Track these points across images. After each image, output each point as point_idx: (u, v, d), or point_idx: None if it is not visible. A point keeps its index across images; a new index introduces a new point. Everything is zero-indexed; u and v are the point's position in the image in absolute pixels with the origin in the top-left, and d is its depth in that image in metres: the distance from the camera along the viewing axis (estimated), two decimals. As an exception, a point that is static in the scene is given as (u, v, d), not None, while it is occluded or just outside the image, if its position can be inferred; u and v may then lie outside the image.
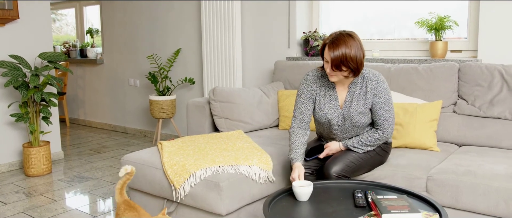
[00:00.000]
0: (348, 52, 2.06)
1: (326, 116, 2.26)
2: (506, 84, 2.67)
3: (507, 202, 2.03)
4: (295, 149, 2.25)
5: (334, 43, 2.08)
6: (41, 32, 4.03)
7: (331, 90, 2.26)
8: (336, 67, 2.10)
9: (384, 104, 2.20)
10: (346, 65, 2.09)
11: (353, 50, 2.07)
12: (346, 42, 2.08)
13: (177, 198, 2.32)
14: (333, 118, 2.26)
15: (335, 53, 2.07)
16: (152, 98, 4.47)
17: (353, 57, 2.07)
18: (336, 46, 2.07)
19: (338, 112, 2.25)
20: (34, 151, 3.71)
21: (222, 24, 4.02)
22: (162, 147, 2.61)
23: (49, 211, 2.98)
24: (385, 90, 2.20)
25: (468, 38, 3.16)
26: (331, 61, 2.09)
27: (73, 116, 6.18)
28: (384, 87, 2.20)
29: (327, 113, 2.26)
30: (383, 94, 2.20)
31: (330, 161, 2.25)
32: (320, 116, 2.29)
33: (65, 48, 6.25)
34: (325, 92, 2.27)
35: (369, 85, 2.20)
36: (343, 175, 2.20)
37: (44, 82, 3.66)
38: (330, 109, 2.26)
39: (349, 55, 2.06)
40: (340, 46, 2.07)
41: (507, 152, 2.54)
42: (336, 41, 2.09)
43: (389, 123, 2.23)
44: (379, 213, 1.66)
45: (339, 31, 2.15)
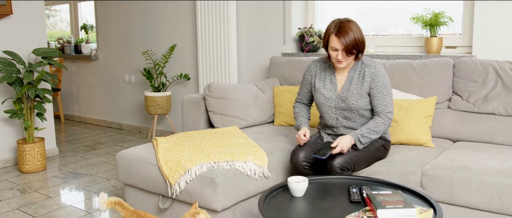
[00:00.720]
0: (356, 35, 2.22)
1: (325, 97, 2.37)
2: (500, 80, 2.68)
3: (501, 197, 2.04)
4: (299, 118, 2.50)
5: (341, 30, 2.21)
6: (35, 28, 4.00)
7: (331, 75, 2.39)
8: (349, 52, 2.22)
9: (382, 88, 2.28)
10: (357, 48, 2.23)
11: (359, 33, 2.23)
12: (350, 27, 2.22)
13: (173, 194, 2.32)
14: (331, 100, 2.36)
15: (347, 39, 2.20)
16: (147, 94, 4.46)
17: (360, 39, 2.23)
18: (344, 33, 2.20)
19: (336, 95, 2.36)
20: (28, 147, 3.70)
21: (217, 20, 4.01)
22: (157, 143, 2.61)
23: (43, 207, 2.98)
24: (382, 76, 2.30)
25: (463, 34, 3.17)
26: (345, 47, 2.21)
27: (67, 112, 6.16)
28: (381, 73, 2.30)
29: (326, 94, 2.37)
30: (381, 79, 2.29)
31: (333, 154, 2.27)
32: (319, 97, 2.40)
33: (60, 44, 6.22)
34: (325, 76, 2.41)
35: (367, 70, 2.31)
36: (346, 168, 2.23)
37: (38, 78, 3.64)
38: (328, 91, 2.37)
39: (358, 37, 2.22)
40: (348, 32, 2.20)
41: (501, 147, 2.55)
42: (342, 28, 2.21)
43: (389, 108, 2.29)
44: (374, 208, 1.66)
45: (338, 20, 2.27)
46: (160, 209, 2.49)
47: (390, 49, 3.48)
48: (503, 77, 2.66)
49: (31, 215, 2.85)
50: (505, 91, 2.66)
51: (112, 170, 3.77)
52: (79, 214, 2.86)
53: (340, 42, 2.20)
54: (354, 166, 2.28)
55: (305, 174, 2.34)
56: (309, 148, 2.38)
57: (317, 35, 3.69)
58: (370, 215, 1.68)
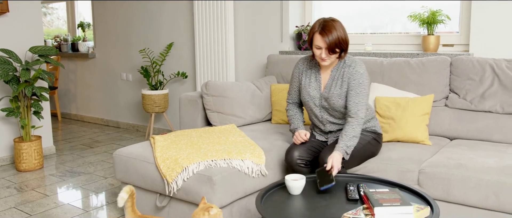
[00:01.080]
0: (340, 34, 2.24)
1: (310, 95, 2.41)
2: (497, 78, 2.68)
3: (497, 195, 2.05)
4: (295, 121, 2.51)
5: (325, 29, 2.23)
6: (32, 26, 3.99)
7: (316, 73, 2.42)
8: (332, 50, 2.24)
9: (356, 86, 2.29)
10: (339, 47, 2.25)
11: (342, 32, 2.26)
12: (334, 26, 2.24)
13: (170, 192, 2.32)
14: (315, 98, 2.40)
15: (330, 38, 2.22)
16: (144, 92, 4.45)
17: (344, 38, 2.26)
18: (328, 32, 2.23)
19: (320, 94, 2.39)
20: (25, 146, 3.69)
21: (215, 18, 4.00)
22: (154, 141, 2.61)
23: (41, 206, 2.97)
24: (359, 75, 2.30)
25: (460, 32, 3.17)
26: (328, 45, 2.23)
27: (65, 110, 6.14)
28: (359, 72, 2.31)
29: (311, 92, 2.41)
30: (357, 77, 2.30)
31: (324, 151, 2.29)
32: (304, 94, 2.44)
33: (56, 42, 6.20)
34: (310, 74, 2.44)
35: (346, 70, 2.34)
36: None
37: (35, 76, 3.63)
38: (313, 90, 2.41)
39: (341, 36, 2.24)
40: (331, 30, 2.23)
41: (498, 145, 2.56)
42: (326, 27, 2.24)
43: (359, 107, 2.27)
44: (371, 206, 1.67)
45: (322, 19, 2.29)
46: (157, 207, 2.49)
47: (388, 47, 3.48)
48: (500, 75, 2.67)
49: (28, 213, 2.85)
50: (502, 89, 2.66)
51: (110, 169, 3.77)
52: (76, 213, 2.85)
53: (324, 41, 2.22)
54: (346, 164, 2.27)
55: (300, 172, 2.34)
56: (304, 146, 2.40)
57: (314, 33, 3.68)
58: (367, 213, 1.69)
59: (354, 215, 1.67)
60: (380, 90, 2.88)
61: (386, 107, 2.73)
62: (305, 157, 2.37)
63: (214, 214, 1.87)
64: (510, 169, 2.12)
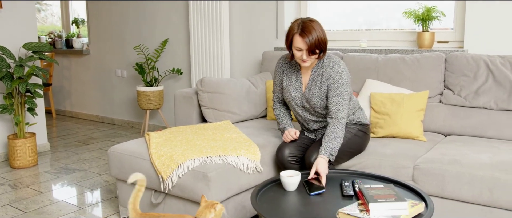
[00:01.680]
0: (319, 35, 2.20)
1: (291, 95, 2.40)
2: (491, 74, 2.70)
3: (491, 191, 2.06)
4: (283, 120, 2.50)
5: (305, 30, 2.18)
6: (25, 22, 3.96)
7: (297, 73, 2.40)
8: (312, 52, 2.20)
9: (335, 86, 2.25)
10: (319, 47, 2.21)
11: (321, 32, 2.21)
12: (314, 27, 2.19)
13: (165, 189, 2.32)
14: (297, 99, 2.39)
15: (310, 39, 2.17)
16: (139, 89, 4.44)
17: (323, 38, 2.21)
18: (308, 33, 2.18)
19: (301, 94, 2.38)
20: (19, 142, 3.67)
21: (210, 14, 3.99)
22: (149, 138, 2.60)
23: (35, 203, 2.96)
24: (338, 74, 2.26)
25: (454, 28, 3.18)
26: (308, 47, 2.18)
27: (59, 107, 6.11)
28: (337, 71, 2.26)
29: (292, 93, 2.39)
30: (336, 77, 2.26)
31: (310, 150, 2.29)
32: (286, 94, 2.43)
33: (51, 39, 6.16)
34: (291, 74, 2.41)
35: (325, 70, 2.30)
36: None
37: (29, 73, 3.61)
38: (294, 90, 2.39)
39: (321, 37, 2.20)
40: (311, 31, 2.18)
41: (492, 141, 2.57)
42: (305, 28, 2.19)
43: (339, 107, 2.23)
44: (366, 202, 1.67)
45: (301, 19, 2.24)
46: (152, 204, 2.48)
47: (383, 44, 3.49)
48: (494, 72, 2.68)
49: (23, 210, 2.84)
50: (496, 85, 2.68)
51: (104, 165, 3.76)
52: (71, 210, 2.84)
53: (304, 42, 2.17)
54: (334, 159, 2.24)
55: (292, 169, 2.36)
56: (294, 143, 2.41)
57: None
58: (362, 208, 1.69)
59: (349, 211, 1.67)
60: (375, 86, 2.88)
61: (381, 103, 2.74)
62: (296, 154, 2.37)
63: (219, 209, 1.89)
64: (504, 165, 2.13)
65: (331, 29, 3.79)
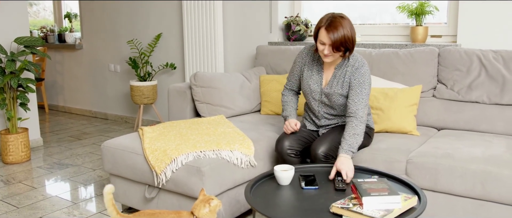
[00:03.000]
0: (346, 33, 2.16)
1: (310, 88, 2.38)
2: (484, 68, 2.71)
3: (483, 184, 2.07)
4: (288, 108, 2.49)
5: (332, 25, 2.15)
6: (17, 17, 3.92)
7: (318, 67, 2.38)
8: (336, 48, 2.17)
9: (357, 86, 2.24)
10: (345, 45, 2.17)
11: (350, 31, 2.17)
12: (342, 23, 2.16)
13: (159, 184, 2.31)
14: (315, 93, 2.38)
15: (335, 35, 2.14)
16: (133, 83, 4.42)
17: (350, 37, 2.17)
18: (334, 28, 2.14)
19: (320, 88, 2.36)
20: (12, 138, 3.64)
21: (203, 8, 3.97)
22: (143, 132, 2.59)
23: (28, 198, 2.94)
24: (361, 75, 2.25)
25: (448, 23, 3.19)
26: (332, 43, 2.15)
27: (52, 102, 6.08)
28: (361, 72, 2.25)
29: (311, 86, 2.38)
30: (359, 77, 2.25)
31: (317, 142, 2.30)
32: (305, 86, 2.41)
33: (43, 33, 6.11)
34: (313, 67, 2.39)
35: (349, 70, 2.29)
36: (330, 155, 2.25)
37: (21, 67, 3.58)
38: (314, 83, 2.37)
39: (347, 35, 2.16)
40: (338, 28, 2.14)
41: (484, 135, 2.59)
42: (332, 23, 2.15)
43: (359, 106, 2.21)
44: (359, 196, 1.68)
45: (331, 14, 2.22)
46: (146, 199, 2.48)
47: (376, 38, 3.49)
48: (487, 66, 2.69)
49: (16, 206, 2.82)
50: (489, 80, 2.69)
51: (98, 160, 3.74)
52: (64, 205, 2.83)
53: (329, 37, 2.15)
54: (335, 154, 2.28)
55: (290, 162, 2.36)
56: (294, 136, 2.41)
57: (303, 24, 3.68)
58: (355, 202, 1.70)
59: (342, 205, 1.68)
60: (369, 81, 2.88)
61: (375, 98, 2.75)
62: (295, 147, 2.37)
63: (215, 205, 1.89)
64: (496, 158, 2.15)
65: (325, 24, 3.78)
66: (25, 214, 2.70)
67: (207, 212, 1.89)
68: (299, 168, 2.16)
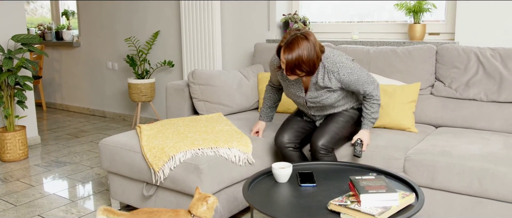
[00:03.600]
0: (301, 55, 2.05)
1: (294, 94, 2.39)
2: (481, 66, 2.71)
3: (480, 181, 2.08)
4: (264, 108, 2.59)
5: (289, 46, 2.06)
6: (14, 14, 3.91)
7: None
8: (291, 71, 2.10)
9: (356, 82, 2.25)
10: (300, 69, 2.09)
11: (306, 53, 2.05)
12: (299, 44, 2.05)
13: (157, 181, 2.31)
14: (300, 98, 2.39)
15: (289, 57, 2.06)
16: (130, 81, 4.41)
17: (306, 60, 2.06)
18: (290, 50, 2.06)
19: (303, 95, 2.36)
20: (9, 136, 3.64)
21: (201, 6, 3.96)
22: (141, 130, 2.59)
23: (26, 196, 2.94)
24: (348, 74, 2.21)
25: (445, 20, 3.19)
26: (286, 64, 2.09)
27: (49, 100, 6.06)
28: (346, 73, 2.20)
29: (295, 92, 2.38)
30: (350, 77, 2.22)
31: (316, 134, 2.33)
32: (287, 92, 2.43)
33: (40, 31, 6.10)
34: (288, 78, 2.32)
35: (331, 75, 2.23)
36: (330, 148, 2.29)
37: (18, 65, 3.57)
38: (296, 90, 2.37)
39: (302, 58, 2.05)
40: (293, 49, 2.05)
41: (482, 132, 2.59)
42: (290, 44, 2.06)
43: (365, 86, 2.26)
44: (357, 193, 1.68)
45: (294, 32, 2.11)
46: (144, 197, 2.48)
47: (374, 36, 3.49)
48: (484, 64, 2.70)
49: (13, 204, 2.82)
50: (486, 77, 2.69)
51: (96, 158, 3.74)
52: (62, 203, 2.83)
53: (284, 57, 2.07)
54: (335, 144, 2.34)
55: (290, 155, 2.39)
56: (292, 130, 2.43)
57: (301, 21, 3.68)
58: (353, 200, 1.70)
59: (340, 202, 1.68)
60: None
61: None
62: (294, 141, 2.41)
63: (212, 202, 1.89)
64: (494, 156, 2.15)
65: (323, 21, 3.79)
66: (23, 212, 2.70)
67: (205, 210, 1.89)
68: (297, 166, 2.17)
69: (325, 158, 2.28)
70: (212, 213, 1.92)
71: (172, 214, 1.91)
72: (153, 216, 1.91)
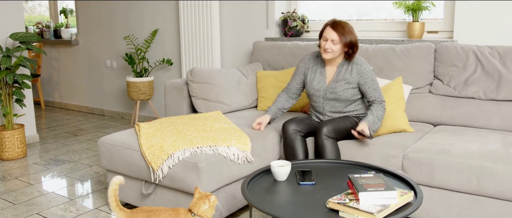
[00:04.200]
0: (349, 32, 2.44)
1: (314, 88, 2.56)
2: (480, 64, 2.71)
3: (479, 179, 2.08)
4: (273, 106, 2.70)
5: (336, 23, 2.45)
6: (12, 12, 3.90)
7: (321, 68, 2.58)
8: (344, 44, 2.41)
9: (371, 83, 2.47)
10: (349, 43, 2.42)
11: (352, 33, 2.46)
12: (346, 25, 2.46)
13: (155, 180, 2.31)
14: (320, 91, 2.54)
15: (340, 31, 2.41)
16: (129, 79, 4.40)
17: (353, 37, 2.44)
18: (339, 26, 2.44)
19: (324, 87, 2.53)
20: (7, 134, 3.63)
21: (200, 4, 3.96)
22: (139, 128, 2.59)
23: (24, 194, 2.94)
24: (369, 72, 2.48)
25: (444, 19, 3.19)
26: (339, 38, 2.40)
27: (48, 98, 6.05)
28: (368, 69, 2.49)
29: (315, 86, 2.56)
30: (369, 75, 2.48)
31: (322, 123, 2.46)
32: (309, 87, 2.60)
33: (38, 29, 6.08)
34: (316, 69, 2.60)
35: (354, 67, 2.50)
36: (333, 137, 2.40)
37: (16, 63, 3.56)
38: (318, 83, 2.56)
39: (350, 33, 2.44)
40: (342, 25, 2.45)
41: (480, 131, 2.59)
42: (338, 23, 2.45)
43: (377, 93, 2.48)
44: (356, 191, 1.68)
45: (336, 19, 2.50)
46: (143, 195, 2.48)
47: (373, 34, 3.49)
48: (483, 62, 2.70)
49: (12, 202, 2.81)
50: (485, 76, 2.70)
51: (94, 157, 3.73)
52: (61, 201, 2.83)
53: (334, 32, 2.41)
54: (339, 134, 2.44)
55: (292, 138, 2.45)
56: (301, 120, 2.54)
57: (300, 19, 3.67)
58: (352, 198, 1.70)
59: (339, 200, 1.68)
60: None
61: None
62: (301, 129, 2.49)
63: (213, 201, 1.90)
64: (492, 154, 2.16)
65: (322, 20, 3.79)
66: (21, 210, 2.70)
67: (207, 208, 1.89)
68: (295, 164, 2.17)
69: (326, 143, 2.36)
70: (213, 212, 1.93)
71: (172, 213, 1.91)
72: (152, 215, 1.90)
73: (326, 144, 2.36)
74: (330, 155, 2.35)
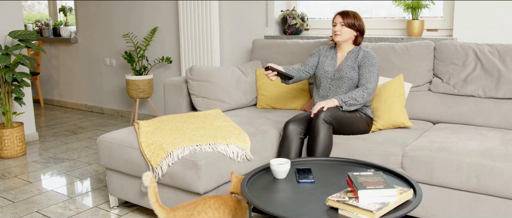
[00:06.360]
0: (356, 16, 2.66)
1: (324, 69, 2.72)
2: (479, 62, 2.71)
3: (478, 178, 2.08)
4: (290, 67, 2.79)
5: (345, 11, 2.66)
6: (11, 10, 3.89)
7: (333, 54, 2.77)
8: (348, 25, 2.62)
9: (368, 66, 2.58)
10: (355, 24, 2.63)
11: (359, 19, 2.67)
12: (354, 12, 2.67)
13: (155, 178, 2.31)
14: (329, 73, 2.69)
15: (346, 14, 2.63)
16: (128, 77, 4.40)
17: (359, 20, 2.66)
18: (346, 12, 2.66)
19: (334, 69, 2.69)
20: (7, 132, 3.63)
21: (199, 2, 3.95)
22: (139, 126, 2.58)
23: (24, 193, 2.94)
24: (372, 57, 2.61)
25: (444, 17, 3.19)
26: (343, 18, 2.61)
27: (47, 96, 6.05)
28: (371, 55, 2.62)
29: (326, 67, 2.72)
30: (370, 59, 2.60)
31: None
32: (320, 69, 2.75)
33: (37, 27, 6.07)
34: (328, 55, 2.80)
35: (360, 53, 2.66)
36: (330, 122, 2.40)
37: (15, 61, 3.56)
38: (328, 65, 2.73)
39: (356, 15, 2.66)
40: (349, 12, 2.66)
41: (479, 129, 2.60)
42: (346, 11, 2.66)
43: (370, 82, 2.54)
44: (355, 189, 1.68)
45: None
46: (142, 193, 2.48)
47: (372, 32, 3.49)
48: (482, 60, 2.70)
49: (11, 200, 2.81)
50: (484, 74, 2.70)
51: (94, 155, 3.73)
52: (60, 199, 2.83)
53: (342, 17, 2.63)
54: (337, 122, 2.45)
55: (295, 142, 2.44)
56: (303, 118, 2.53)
57: (299, 17, 3.67)
58: (351, 196, 1.70)
59: (338, 198, 1.68)
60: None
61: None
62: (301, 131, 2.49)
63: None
64: (491, 152, 2.16)
65: (321, 18, 3.78)
66: (21, 208, 2.70)
67: None
68: (295, 162, 2.17)
69: (322, 127, 2.36)
70: None
71: (217, 199, 1.98)
72: (196, 206, 1.94)
73: (321, 128, 2.36)
74: (321, 141, 2.35)
